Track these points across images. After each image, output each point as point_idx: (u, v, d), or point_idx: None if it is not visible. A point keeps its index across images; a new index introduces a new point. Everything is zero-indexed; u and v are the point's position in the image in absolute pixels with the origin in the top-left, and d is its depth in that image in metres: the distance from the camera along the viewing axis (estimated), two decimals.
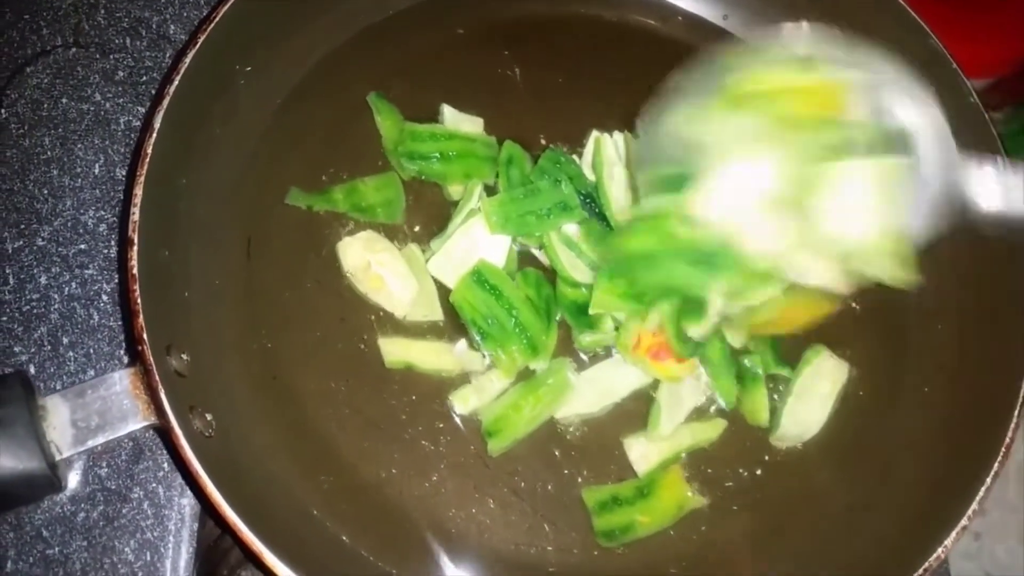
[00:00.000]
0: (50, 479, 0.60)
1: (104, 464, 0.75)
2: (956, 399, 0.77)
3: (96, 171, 0.85)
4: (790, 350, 0.80)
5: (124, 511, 0.74)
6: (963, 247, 0.81)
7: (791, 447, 0.77)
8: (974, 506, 0.67)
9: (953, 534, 0.66)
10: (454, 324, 0.78)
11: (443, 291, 0.78)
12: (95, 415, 0.62)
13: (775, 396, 0.79)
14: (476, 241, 0.77)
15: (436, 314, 0.78)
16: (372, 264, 0.77)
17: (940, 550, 0.66)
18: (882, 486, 0.76)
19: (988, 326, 0.79)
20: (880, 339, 0.81)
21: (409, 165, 0.81)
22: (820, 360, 0.79)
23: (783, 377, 0.79)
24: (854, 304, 0.82)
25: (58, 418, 0.61)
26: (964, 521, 0.67)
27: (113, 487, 0.74)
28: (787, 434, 0.78)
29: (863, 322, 0.82)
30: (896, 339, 0.81)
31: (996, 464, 0.69)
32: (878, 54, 0.65)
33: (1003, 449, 0.69)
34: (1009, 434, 0.70)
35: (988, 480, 0.68)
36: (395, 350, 0.76)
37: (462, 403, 0.75)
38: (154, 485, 0.75)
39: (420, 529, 0.71)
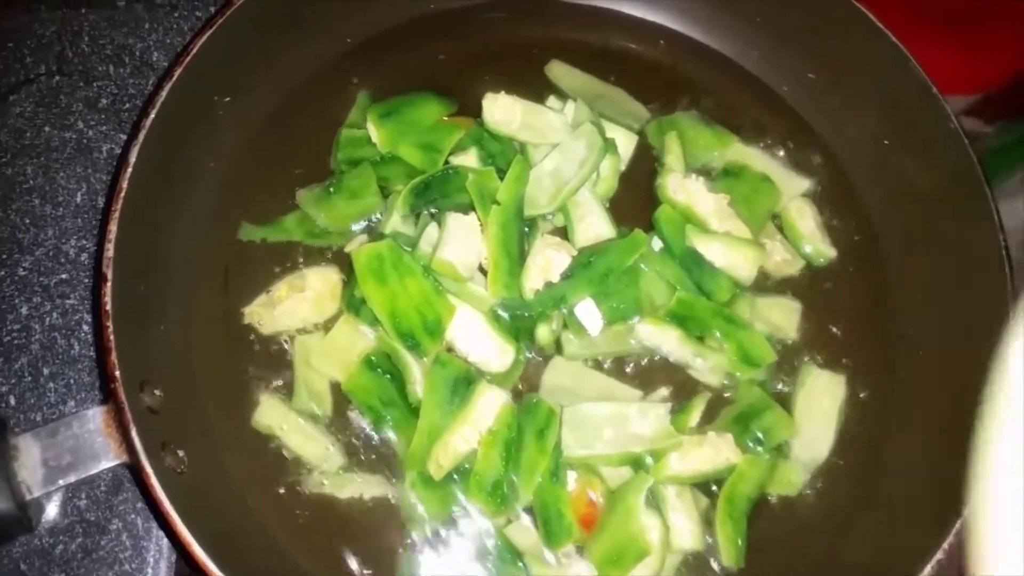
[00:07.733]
0: (20, 519, 0.61)
1: (83, 496, 0.75)
2: (940, 427, 0.76)
3: (78, 200, 0.86)
4: (780, 373, 0.79)
5: (103, 543, 0.74)
6: (942, 273, 0.80)
7: None
8: (951, 538, 0.67)
9: (927, 568, 0.66)
10: (339, 423, 0.74)
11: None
12: (67, 454, 0.62)
13: None
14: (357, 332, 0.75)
15: (325, 407, 0.74)
16: (307, 288, 0.76)
17: None
18: (862, 514, 0.75)
19: (968, 347, 0.78)
20: (863, 364, 0.80)
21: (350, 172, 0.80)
22: (813, 379, 0.79)
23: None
24: (834, 329, 0.82)
25: (29, 458, 0.61)
26: (939, 554, 0.66)
27: (92, 519, 0.75)
28: (800, 460, 0.76)
29: (846, 348, 0.81)
30: (878, 364, 0.81)
31: None
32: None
33: None
34: None
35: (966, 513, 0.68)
36: (268, 414, 0.73)
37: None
38: (133, 516, 0.75)
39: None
